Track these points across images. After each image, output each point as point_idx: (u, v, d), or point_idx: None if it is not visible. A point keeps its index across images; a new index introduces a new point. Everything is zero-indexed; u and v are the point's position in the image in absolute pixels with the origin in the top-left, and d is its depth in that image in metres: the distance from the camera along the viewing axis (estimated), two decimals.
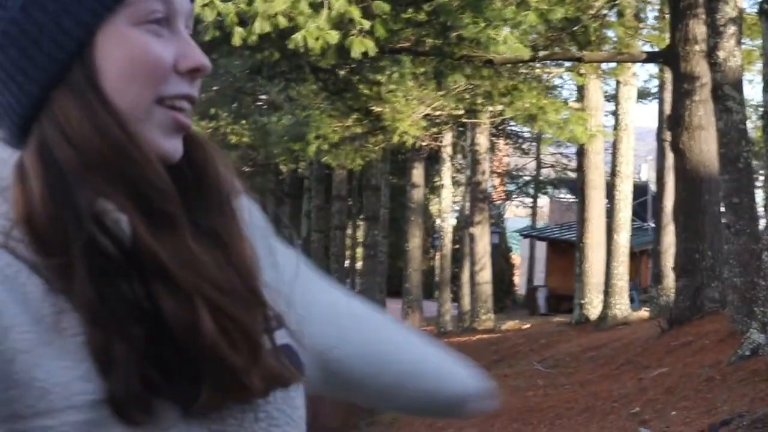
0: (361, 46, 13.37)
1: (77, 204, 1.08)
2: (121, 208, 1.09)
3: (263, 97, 24.13)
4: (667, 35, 16.33)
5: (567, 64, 19.89)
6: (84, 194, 1.09)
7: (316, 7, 13.03)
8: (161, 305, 1.08)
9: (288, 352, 1.23)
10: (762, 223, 14.28)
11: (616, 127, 24.07)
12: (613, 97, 26.16)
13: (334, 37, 13.08)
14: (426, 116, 22.94)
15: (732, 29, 12.29)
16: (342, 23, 13.43)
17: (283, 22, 13.02)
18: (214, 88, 23.58)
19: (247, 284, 1.16)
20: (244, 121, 24.60)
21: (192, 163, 1.20)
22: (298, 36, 13.07)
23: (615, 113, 25.28)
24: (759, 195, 23.77)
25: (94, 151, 1.11)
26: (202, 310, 1.08)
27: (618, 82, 23.93)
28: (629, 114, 24.47)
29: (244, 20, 13.34)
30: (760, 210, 16.07)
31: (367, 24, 13.31)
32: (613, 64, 19.92)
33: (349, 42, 13.36)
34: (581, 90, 23.95)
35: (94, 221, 1.08)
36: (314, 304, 1.39)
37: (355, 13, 13.01)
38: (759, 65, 15.81)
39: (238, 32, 13.23)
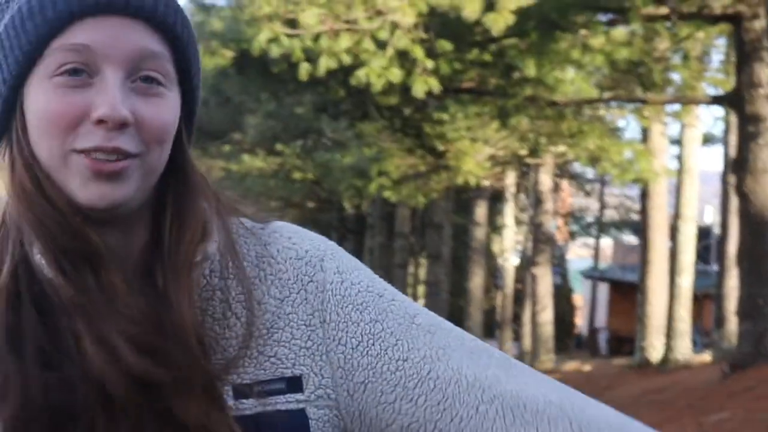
0: (424, 85, 13.33)
1: (8, 248, 1.13)
2: (42, 252, 1.11)
3: (329, 134, 24.01)
4: (732, 78, 16.15)
5: (631, 106, 19.66)
6: (14, 239, 1.13)
7: (380, 45, 13.02)
8: (81, 344, 1.07)
9: (293, 418, 1.16)
10: None
11: (680, 170, 24.05)
12: (678, 141, 26.02)
13: (396, 75, 13.04)
14: (490, 156, 22.83)
15: None
16: (407, 62, 13.40)
17: (347, 59, 13.03)
18: (279, 125, 23.67)
19: (182, 343, 1.10)
20: (308, 158, 24.58)
21: (175, 207, 1.19)
22: (361, 73, 13.05)
23: (679, 156, 25.24)
24: None
25: (15, 200, 1.14)
26: (119, 342, 1.06)
27: (682, 125, 23.83)
28: (693, 156, 24.46)
29: (310, 57, 13.42)
30: None
31: (430, 63, 13.30)
32: (677, 107, 19.93)
33: (412, 80, 13.33)
34: (645, 133, 23.85)
35: (24, 264, 1.12)
36: (389, 374, 1.19)
37: (419, 52, 13.00)
38: None
39: (305, 67, 13.30)
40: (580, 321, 42.71)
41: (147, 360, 1.06)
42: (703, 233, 31.39)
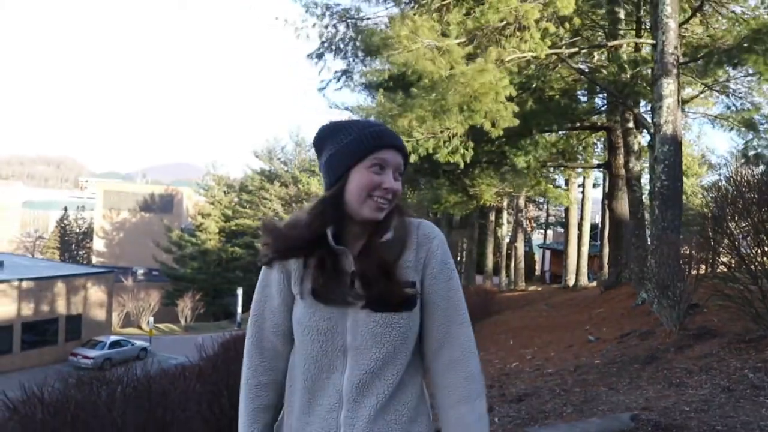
0: (458, 158, 12.47)
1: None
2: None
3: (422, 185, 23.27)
4: (606, 156, 15.29)
5: (559, 169, 18.63)
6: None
7: (446, 144, 12.19)
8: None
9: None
10: None
11: (582, 199, 22.02)
12: (582, 185, 22.69)
13: (455, 157, 12.30)
14: (496, 192, 21.35)
15: None
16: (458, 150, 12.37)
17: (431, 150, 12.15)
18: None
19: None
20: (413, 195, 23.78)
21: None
22: (438, 155, 12.28)
23: (582, 192, 22.25)
24: None
25: (332, 208, 1.17)
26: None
27: (584, 178, 21.74)
28: (588, 190, 21.82)
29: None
30: None
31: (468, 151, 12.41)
32: (581, 170, 18.99)
33: (458, 157, 12.47)
34: (566, 182, 21.43)
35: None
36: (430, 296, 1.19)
37: (462, 146, 12.25)
38: None
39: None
40: (538, 267, 40.26)
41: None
42: (593, 227, 29.64)
